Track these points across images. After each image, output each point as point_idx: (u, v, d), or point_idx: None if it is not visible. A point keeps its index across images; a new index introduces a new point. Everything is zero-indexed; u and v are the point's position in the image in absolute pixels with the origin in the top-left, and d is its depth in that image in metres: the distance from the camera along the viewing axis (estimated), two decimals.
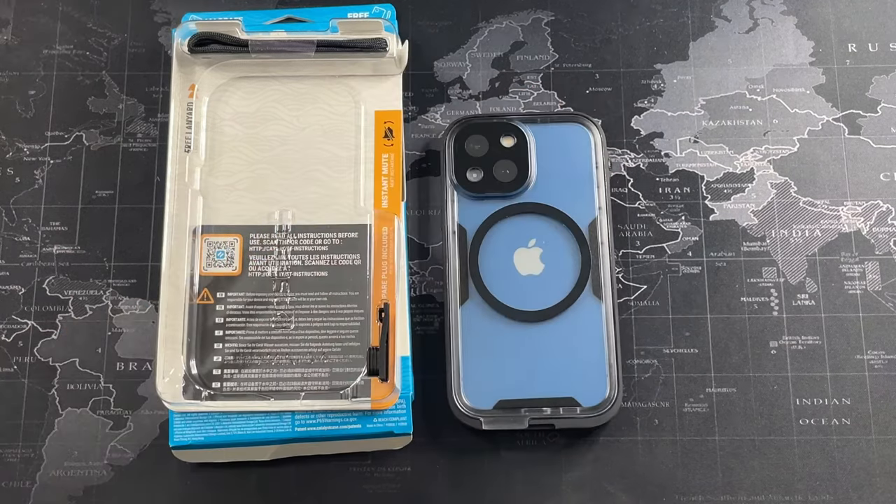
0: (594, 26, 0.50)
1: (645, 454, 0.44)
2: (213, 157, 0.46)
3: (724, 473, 0.43)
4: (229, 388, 0.43)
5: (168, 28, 0.50)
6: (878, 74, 0.49)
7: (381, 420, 0.43)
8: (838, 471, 0.43)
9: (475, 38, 0.50)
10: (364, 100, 0.47)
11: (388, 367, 0.42)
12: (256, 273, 0.45)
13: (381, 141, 0.47)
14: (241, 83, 0.47)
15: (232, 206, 0.46)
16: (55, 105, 0.49)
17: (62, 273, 0.46)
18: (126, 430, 0.44)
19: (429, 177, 0.48)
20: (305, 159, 0.46)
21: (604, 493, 0.43)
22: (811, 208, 0.47)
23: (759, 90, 0.49)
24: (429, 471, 0.44)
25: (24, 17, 0.50)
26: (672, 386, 0.45)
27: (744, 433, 0.44)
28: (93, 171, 0.48)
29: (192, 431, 0.43)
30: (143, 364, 0.45)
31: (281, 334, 0.44)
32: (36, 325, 0.46)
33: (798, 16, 0.50)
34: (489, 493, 0.43)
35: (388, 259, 0.45)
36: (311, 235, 0.45)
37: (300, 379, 0.43)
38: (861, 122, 0.48)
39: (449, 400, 0.42)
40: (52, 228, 0.47)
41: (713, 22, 0.50)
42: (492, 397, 0.42)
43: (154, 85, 0.49)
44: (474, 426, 0.42)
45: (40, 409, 0.44)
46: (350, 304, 0.44)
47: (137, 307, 0.46)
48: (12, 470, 0.44)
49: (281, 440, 0.43)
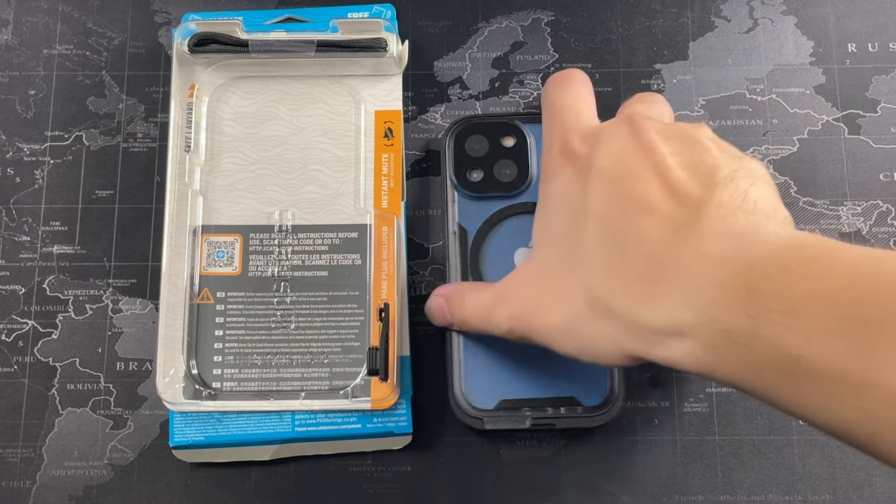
0: (594, 26, 0.50)
1: (645, 454, 0.44)
2: (213, 157, 0.46)
3: (724, 473, 0.43)
4: (229, 388, 0.43)
5: (168, 28, 0.50)
6: (878, 74, 0.49)
7: (381, 420, 0.43)
8: (838, 471, 0.43)
9: (475, 38, 0.50)
10: (364, 100, 0.47)
11: (388, 367, 0.42)
12: (256, 273, 0.45)
13: (381, 141, 0.47)
14: (241, 83, 0.47)
15: (232, 206, 0.46)
16: (55, 105, 0.49)
17: (62, 273, 0.46)
18: (126, 430, 0.44)
19: (429, 177, 0.48)
20: (305, 159, 0.46)
21: (604, 493, 0.43)
22: (811, 208, 0.47)
23: (758, 90, 0.49)
24: (429, 471, 0.44)
25: (24, 17, 0.50)
26: (672, 386, 0.45)
27: (744, 433, 0.44)
28: (93, 171, 0.48)
29: (192, 431, 0.43)
30: (143, 364, 0.45)
31: (281, 334, 0.44)
32: (36, 325, 0.46)
33: (798, 16, 0.50)
34: (489, 493, 0.43)
35: (388, 259, 0.45)
36: (311, 235, 0.45)
37: (300, 379, 0.43)
38: (861, 122, 0.48)
39: (450, 400, 0.42)
40: (52, 228, 0.47)
41: (713, 22, 0.50)
42: (493, 397, 0.42)
43: (154, 85, 0.49)
44: (476, 426, 0.42)
45: (40, 408, 0.44)
46: (350, 304, 0.44)
47: (137, 307, 0.46)
48: (12, 470, 0.44)
49: (281, 440, 0.43)
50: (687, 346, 0.29)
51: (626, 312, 0.31)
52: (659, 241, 0.31)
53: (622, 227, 0.32)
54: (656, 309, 0.30)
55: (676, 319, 0.29)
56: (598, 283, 0.33)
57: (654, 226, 0.31)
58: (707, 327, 0.28)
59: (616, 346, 0.32)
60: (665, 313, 0.30)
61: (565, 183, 0.36)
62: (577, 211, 0.35)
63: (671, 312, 0.29)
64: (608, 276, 0.32)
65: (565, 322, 0.34)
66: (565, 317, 0.34)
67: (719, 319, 0.28)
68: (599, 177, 0.34)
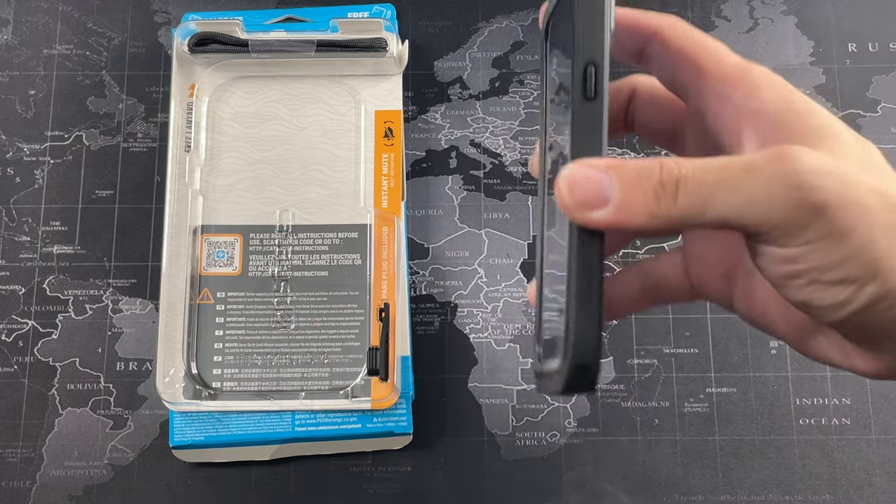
0: None
1: (645, 454, 0.44)
2: (213, 157, 0.46)
3: (724, 473, 0.43)
4: (229, 388, 0.43)
5: (168, 28, 0.50)
6: (879, 74, 0.49)
7: (381, 420, 0.43)
8: (838, 471, 0.43)
9: (475, 38, 0.50)
10: (364, 99, 0.47)
11: (388, 367, 0.42)
12: (256, 273, 0.45)
13: (381, 141, 0.47)
14: (241, 83, 0.47)
15: (232, 206, 0.46)
16: (55, 105, 0.49)
17: (62, 273, 0.46)
18: (126, 430, 0.44)
19: (428, 177, 0.48)
20: (305, 159, 0.46)
21: (604, 493, 0.43)
22: None
23: None
24: (429, 471, 0.44)
25: (24, 16, 0.50)
26: (672, 386, 0.45)
27: (744, 433, 0.44)
28: (93, 170, 0.48)
29: (192, 431, 0.43)
30: (143, 364, 0.45)
31: (281, 334, 0.44)
32: (36, 325, 0.46)
33: (798, 16, 0.50)
34: (489, 493, 0.43)
35: (388, 259, 0.45)
36: (311, 235, 0.45)
37: (300, 379, 0.43)
38: (861, 121, 0.48)
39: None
40: (52, 228, 0.47)
41: (713, 22, 0.50)
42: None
43: (154, 85, 0.49)
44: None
45: (40, 408, 0.44)
46: (350, 304, 0.44)
47: (137, 307, 0.46)
48: (12, 470, 0.44)
49: (281, 440, 0.43)
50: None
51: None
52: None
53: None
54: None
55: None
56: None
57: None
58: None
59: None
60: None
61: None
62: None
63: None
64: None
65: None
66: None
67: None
68: None
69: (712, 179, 0.21)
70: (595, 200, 0.21)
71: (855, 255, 0.20)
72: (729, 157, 0.21)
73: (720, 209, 0.21)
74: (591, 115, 0.21)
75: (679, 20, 0.24)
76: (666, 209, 0.21)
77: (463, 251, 0.47)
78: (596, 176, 0.21)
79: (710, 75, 0.23)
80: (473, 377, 0.45)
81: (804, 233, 0.21)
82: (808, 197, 0.20)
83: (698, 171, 0.21)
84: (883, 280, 0.21)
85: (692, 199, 0.21)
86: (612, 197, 0.21)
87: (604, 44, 0.21)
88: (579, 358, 0.21)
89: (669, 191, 0.21)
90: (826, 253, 0.21)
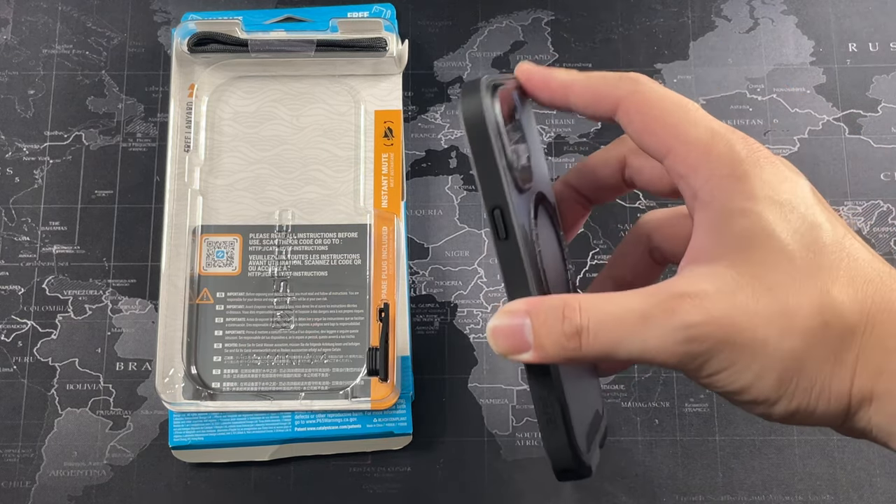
0: (594, 26, 0.50)
1: (645, 454, 0.44)
2: (213, 157, 0.46)
3: (724, 473, 0.43)
4: (229, 389, 0.43)
5: (168, 28, 0.50)
6: (879, 74, 0.49)
7: (381, 420, 0.43)
8: (838, 471, 0.43)
9: (475, 38, 0.50)
10: (364, 99, 0.47)
11: (388, 368, 0.42)
12: (256, 273, 0.45)
13: (381, 141, 0.47)
14: (241, 83, 0.47)
15: (232, 206, 0.45)
16: (55, 105, 0.49)
17: (62, 273, 0.46)
18: (126, 430, 0.44)
19: (428, 177, 0.48)
20: (305, 159, 0.46)
21: (603, 494, 0.43)
22: None
23: (759, 90, 0.49)
24: (429, 471, 0.44)
25: (23, 16, 0.50)
26: (672, 386, 0.45)
27: (744, 433, 0.44)
28: (92, 170, 0.48)
29: (191, 431, 0.43)
30: (143, 364, 0.45)
31: (281, 334, 0.44)
32: (35, 325, 0.46)
33: (798, 15, 0.50)
34: (489, 493, 0.43)
35: (388, 259, 0.45)
36: (310, 235, 0.45)
37: (300, 379, 0.43)
38: (861, 121, 0.48)
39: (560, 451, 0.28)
40: (52, 228, 0.47)
41: (713, 21, 0.50)
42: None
43: (154, 85, 0.49)
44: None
45: (40, 409, 0.44)
46: (350, 304, 0.44)
47: (137, 307, 0.46)
48: (12, 470, 0.44)
49: (281, 440, 0.43)
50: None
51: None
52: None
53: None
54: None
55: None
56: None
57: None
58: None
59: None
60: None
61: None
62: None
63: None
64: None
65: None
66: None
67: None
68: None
69: (611, 327, 0.23)
70: (518, 346, 0.23)
71: (753, 383, 0.23)
72: (628, 299, 0.23)
73: (626, 352, 0.23)
74: (510, 252, 0.23)
75: (642, 85, 0.24)
76: (575, 352, 0.23)
77: (463, 251, 0.47)
78: (514, 323, 0.23)
79: (674, 156, 0.24)
80: (473, 377, 0.45)
81: (701, 372, 0.23)
82: (698, 349, 0.22)
83: (596, 321, 0.23)
84: (788, 400, 0.23)
85: (596, 345, 0.23)
86: (530, 341, 0.23)
87: (503, 188, 0.23)
88: (559, 465, 0.24)
89: (573, 338, 0.23)
90: (726, 384, 0.23)
